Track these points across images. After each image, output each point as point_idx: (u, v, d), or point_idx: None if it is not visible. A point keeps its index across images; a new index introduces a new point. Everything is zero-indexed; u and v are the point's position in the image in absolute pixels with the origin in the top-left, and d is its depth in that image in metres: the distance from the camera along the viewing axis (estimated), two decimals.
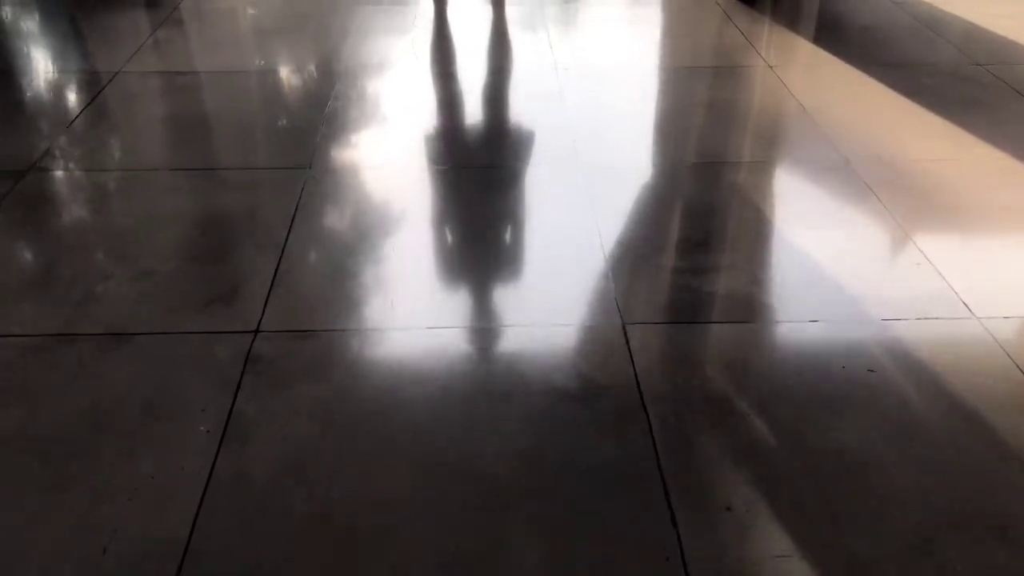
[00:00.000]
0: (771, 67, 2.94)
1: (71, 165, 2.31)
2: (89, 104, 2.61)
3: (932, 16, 3.43)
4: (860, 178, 2.27)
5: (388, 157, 2.38)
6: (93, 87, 2.73)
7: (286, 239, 2.00)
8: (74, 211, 2.12)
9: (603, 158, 2.37)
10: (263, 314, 1.75)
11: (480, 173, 2.30)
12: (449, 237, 2.05)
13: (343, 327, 1.73)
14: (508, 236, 2.05)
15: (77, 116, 2.54)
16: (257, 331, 1.71)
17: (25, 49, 3.15)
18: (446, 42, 3.24)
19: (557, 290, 1.84)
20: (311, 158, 2.34)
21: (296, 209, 2.11)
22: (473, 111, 2.69)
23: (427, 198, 2.21)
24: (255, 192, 2.21)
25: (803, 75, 2.88)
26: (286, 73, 2.90)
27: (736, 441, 1.47)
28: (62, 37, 3.25)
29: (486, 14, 3.51)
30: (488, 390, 1.57)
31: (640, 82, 2.90)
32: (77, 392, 1.56)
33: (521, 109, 2.69)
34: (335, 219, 2.09)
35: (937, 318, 1.77)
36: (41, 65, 2.96)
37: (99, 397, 1.55)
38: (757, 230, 2.08)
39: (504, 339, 1.70)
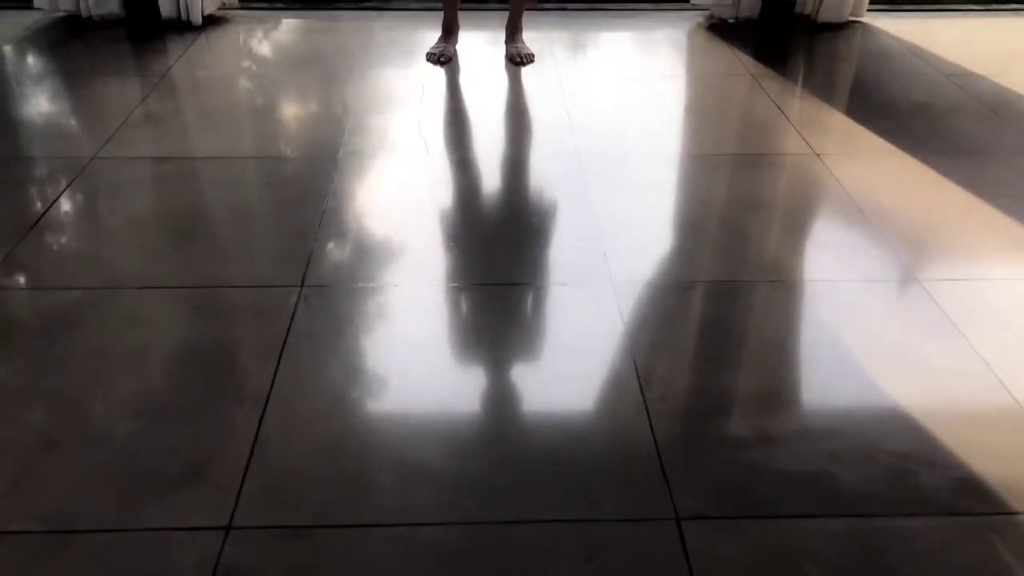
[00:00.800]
0: (818, 155, 2.64)
1: (26, 284, 2.00)
2: (54, 203, 2.31)
3: (988, 91, 3.14)
4: (936, 303, 1.96)
5: (392, 272, 2.07)
6: (61, 179, 2.43)
7: (270, 388, 1.68)
8: (23, 349, 1.80)
9: (638, 275, 2.06)
10: (237, 501, 1.43)
11: (498, 294, 1.99)
12: (463, 391, 1.73)
13: (337, 521, 1.41)
14: (532, 389, 1.73)
15: (39, 219, 2.23)
16: (229, 527, 1.39)
17: None
18: (458, 121, 2.95)
19: (592, 470, 1.52)
20: (303, 273, 2.03)
21: (284, 344, 1.80)
22: (489, 212, 2.38)
23: (436, 329, 1.89)
24: (236, 319, 1.90)
25: (856, 166, 2.58)
26: (278, 161, 2.60)
27: None
28: (35, 111, 2.96)
29: (500, 81, 3.22)
30: None
31: (675, 173, 2.59)
32: None
33: (543, 206, 2.39)
34: (330, 359, 1.78)
35: None
36: (2, 151, 2.66)
37: None
38: (828, 377, 1.76)
39: (526, 545, 1.38)
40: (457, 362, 1.81)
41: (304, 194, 2.39)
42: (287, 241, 2.17)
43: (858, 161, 2.62)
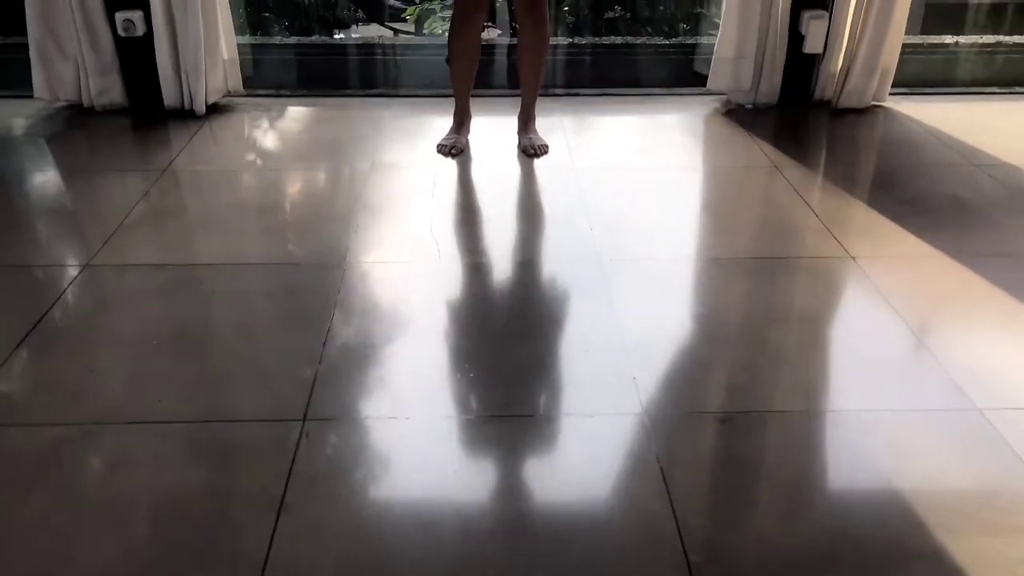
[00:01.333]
0: (853, 258, 2.49)
1: (2, 420, 1.83)
2: (40, 322, 2.15)
3: (1021, 183, 3.01)
4: (1003, 439, 1.78)
5: (402, 401, 1.90)
6: (49, 293, 2.28)
7: (268, 551, 1.50)
8: None
9: (671, 405, 1.88)
10: None
11: (519, 428, 1.82)
12: (483, 551, 1.53)
13: None
14: (559, 547, 1.54)
15: (22, 341, 2.07)
16: None
17: None
18: (470, 221, 2.81)
19: None
20: (306, 405, 1.87)
21: (284, 493, 1.63)
22: (507, 329, 2.21)
23: (451, 475, 1.70)
24: (231, 462, 1.72)
25: (895, 271, 2.42)
26: (282, 267, 2.45)
27: None
28: (28, 212, 2.84)
29: (513, 174, 3.10)
30: None
31: (702, 280, 2.44)
32: None
33: (565, 321, 2.23)
34: (334, 511, 1.59)
35: None
36: None
37: None
38: (891, 538, 1.57)
39: None
40: (476, 516, 1.62)
41: (308, 307, 2.24)
42: (289, 364, 2.01)
43: (897, 265, 2.47)
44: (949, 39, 4.13)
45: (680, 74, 3.99)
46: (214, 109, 3.60)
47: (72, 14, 3.35)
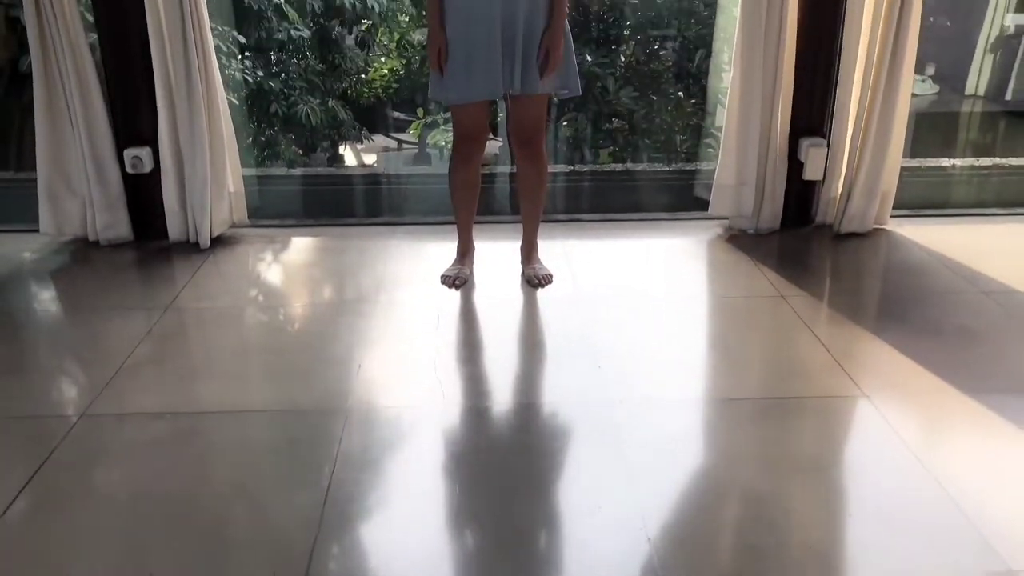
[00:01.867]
0: (867, 396, 2.43)
1: None
2: (28, 483, 2.08)
3: None
4: None
5: (403, 569, 1.81)
6: (43, 448, 2.21)
7: None
8: None
9: (688, 571, 1.79)
10: None
11: None
12: None
13: None
14: None
15: (8, 507, 1.99)
16: None
17: None
18: (474, 358, 2.76)
19: None
20: (306, 569, 1.78)
21: None
22: (512, 484, 2.11)
23: None
24: None
25: (913, 413, 2.36)
26: (282, 415, 2.38)
27: None
28: (24, 357, 2.81)
29: (518, 306, 3.08)
30: None
31: (714, 424, 2.38)
32: None
33: (571, 473, 2.16)
34: None
35: None
36: None
37: None
38: None
39: None
40: None
41: (308, 460, 2.17)
42: (288, 527, 1.92)
43: (913, 405, 2.40)
44: (946, 162, 4.19)
45: (681, 199, 4.03)
46: (218, 241, 3.62)
47: (82, 153, 3.40)
